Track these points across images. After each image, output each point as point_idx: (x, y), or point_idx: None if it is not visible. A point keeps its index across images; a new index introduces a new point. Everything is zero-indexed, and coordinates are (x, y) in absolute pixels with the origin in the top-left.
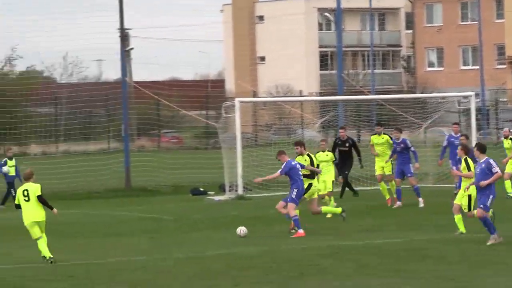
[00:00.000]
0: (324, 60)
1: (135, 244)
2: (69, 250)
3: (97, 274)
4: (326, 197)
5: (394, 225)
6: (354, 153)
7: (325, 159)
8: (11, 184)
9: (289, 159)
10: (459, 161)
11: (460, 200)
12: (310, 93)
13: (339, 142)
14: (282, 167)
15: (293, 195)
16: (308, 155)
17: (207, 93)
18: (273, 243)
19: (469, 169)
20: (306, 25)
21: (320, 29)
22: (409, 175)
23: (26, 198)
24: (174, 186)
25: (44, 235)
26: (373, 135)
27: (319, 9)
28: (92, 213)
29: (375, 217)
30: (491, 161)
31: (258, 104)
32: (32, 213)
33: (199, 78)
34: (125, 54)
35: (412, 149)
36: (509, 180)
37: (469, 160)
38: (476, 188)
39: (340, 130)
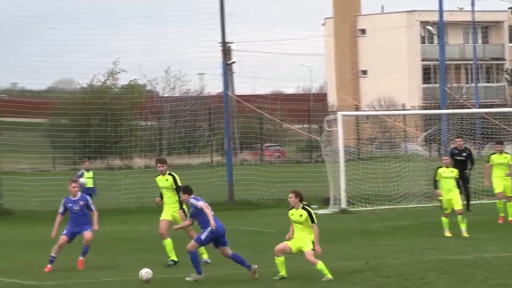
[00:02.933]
0: (427, 74)
1: None
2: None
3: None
4: (459, 217)
5: (501, 240)
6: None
7: (450, 176)
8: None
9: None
10: None
11: None
12: (412, 107)
13: (456, 152)
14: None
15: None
16: (170, 174)
17: (310, 106)
18: (376, 257)
19: None
20: (408, 38)
21: (423, 42)
22: None
23: None
24: (276, 200)
25: None
26: (493, 154)
27: (422, 22)
28: None
29: (486, 231)
30: None
31: (360, 118)
32: None
33: (301, 91)
34: (227, 68)
35: None
36: None
37: None
38: None
39: (457, 140)
